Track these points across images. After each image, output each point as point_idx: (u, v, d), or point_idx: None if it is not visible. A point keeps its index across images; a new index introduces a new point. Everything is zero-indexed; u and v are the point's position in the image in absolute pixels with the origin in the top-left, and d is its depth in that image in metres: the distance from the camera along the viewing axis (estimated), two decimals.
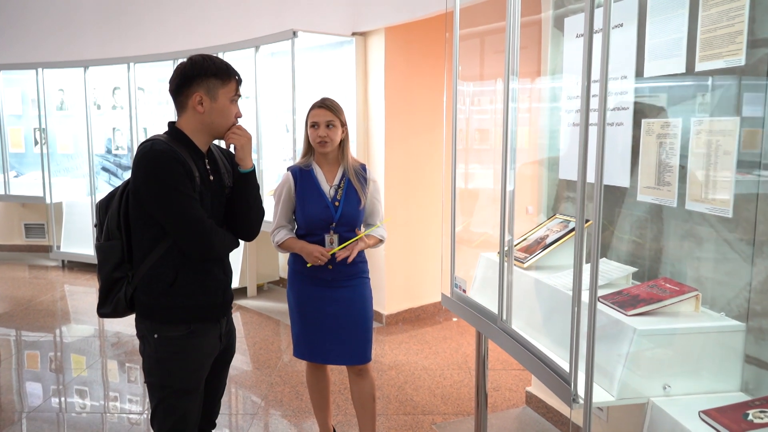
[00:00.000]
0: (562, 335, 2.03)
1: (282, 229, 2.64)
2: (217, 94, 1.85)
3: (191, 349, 1.91)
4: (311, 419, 3.23)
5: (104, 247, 1.92)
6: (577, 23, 2.56)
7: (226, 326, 2.06)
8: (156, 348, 1.89)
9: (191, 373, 1.93)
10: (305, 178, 2.59)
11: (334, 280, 2.59)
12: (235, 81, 1.89)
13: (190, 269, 1.89)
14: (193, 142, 1.88)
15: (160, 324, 1.88)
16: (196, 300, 1.90)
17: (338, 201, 2.56)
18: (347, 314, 2.60)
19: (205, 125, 1.88)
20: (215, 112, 1.86)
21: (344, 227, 2.57)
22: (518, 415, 3.26)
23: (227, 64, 1.89)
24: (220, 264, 1.98)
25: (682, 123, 1.97)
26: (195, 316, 1.91)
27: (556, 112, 2.76)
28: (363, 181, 2.62)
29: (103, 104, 6.63)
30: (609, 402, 1.72)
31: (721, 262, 1.86)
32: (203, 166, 1.90)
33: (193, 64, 1.85)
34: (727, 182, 1.78)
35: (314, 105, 2.59)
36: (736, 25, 1.73)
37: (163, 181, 1.78)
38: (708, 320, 1.81)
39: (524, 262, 2.44)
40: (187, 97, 1.85)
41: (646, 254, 2.19)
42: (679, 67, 1.97)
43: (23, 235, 7.46)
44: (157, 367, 1.90)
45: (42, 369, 3.99)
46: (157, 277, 1.87)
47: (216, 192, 1.93)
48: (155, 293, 1.87)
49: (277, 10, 5.25)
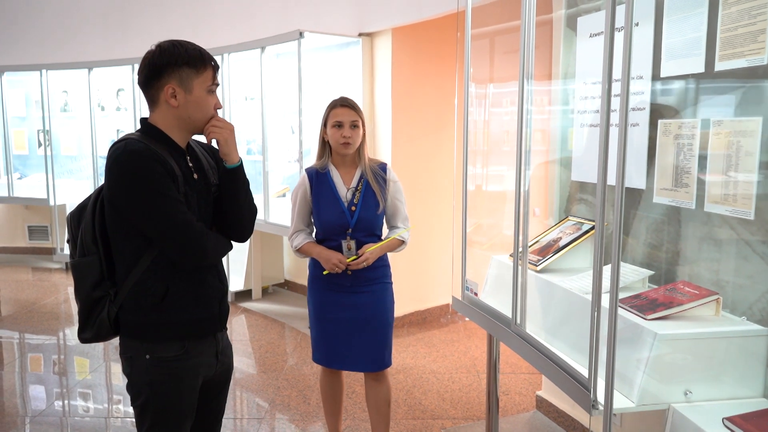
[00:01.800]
0: (578, 340, 2.00)
1: (300, 233, 2.56)
2: (192, 84, 1.65)
3: (187, 369, 1.73)
4: (318, 423, 3.19)
5: (80, 264, 1.71)
6: (591, 23, 2.53)
7: (222, 342, 1.86)
8: (148, 369, 1.69)
9: (187, 396, 1.75)
10: (321, 181, 2.50)
11: (353, 285, 2.52)
12: (212, 68, 1.68)
13: (181, 280, 1.70)
14: (170, 139, 1.69)
15: (151, 343, 1.69)
16: (191, 313, 1.72)
17: (355, 205, 2.47)
18: (365, 320, 2.53)
19: (181, 120, 1.68)
20: (191, 105, 1.66)
21: (362, 232, 2.48)
22: (529, 419, 3.22)
23: (201, 49, 1.68)
24: (214, 271, 1.80)
25: (701, 123, 1.93)
26: (190, 332, 1.72)
27: (568, 113, 2.73)
28: (382, 182, 2.52)
29: (107, 106, 6.61)
30: (629, 408, 1.68)
31: (742, 265, 1.82)
32: (185, 164, 1.71)
33: (162, 52, 1.63)
34: (748, 184, 1.75)
35: (335, 104, 2.49)
36: (759, 24, 1.70)
37: (143, 184, 1.58)
38: (729, 324, 1.77)
39: (537, 264, 2.41)
40: (159, 90, 1.65)
41: (663, 257, 2.16)
42: (698, 67, 1.94)
43: (27, 238, 7.43)
44: (149, 390, 1.70)
45: (45, 372, 3.96)
46: (144, 292, 1.67)
47: (202, 191, 1.74)
48: (144, 310, 1.68)
49: (282, 11, 5.22)
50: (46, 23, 6.94)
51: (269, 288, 5.75)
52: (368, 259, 2.45)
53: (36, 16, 6.97)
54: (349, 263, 2.44)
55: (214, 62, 1.70)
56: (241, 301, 5.41)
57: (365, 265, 2.45)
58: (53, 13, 6.91)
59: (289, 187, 5.25)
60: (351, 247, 2.47)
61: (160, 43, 1.66)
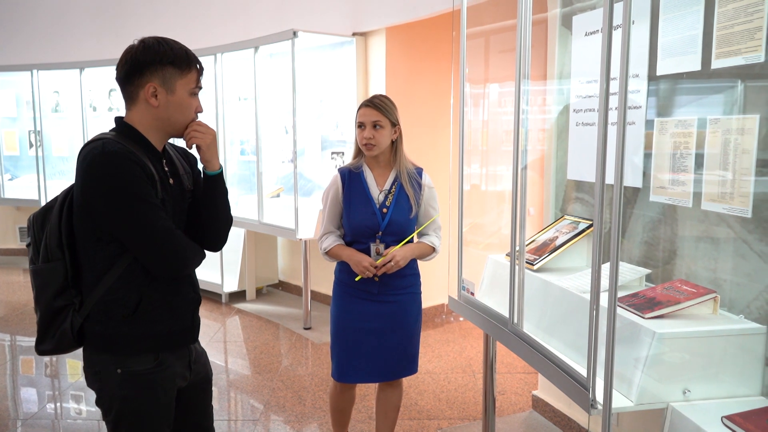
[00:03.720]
0: (575, 339, 1.99)
1: (330, 235, 2.46)
2: (175, 85, 1.57)
3: (162, 381, 1.64)
4: (314, 424, 3.17)
5: (42, 270, 1.59)
6: (586, 21, 2.52)
7: (195, 352, 1.78)
8: (120, 384, 1.59)
9: (163, 409, 1.66)
10: (354, 181, 2.41)
11: (380, 293, 2.41)
12: (196, 70, 1.62)
13: (156, 290, 1.61)
14: (147, 140, 1.60)
15: (123, 356, 1.59)
16: (165, 325, 1.63)
17: (386, 208, 2.37)
18: (389, 331, 2.43)
19: (161, 121, 1.60)
20: (172, 106, 1.58)
21: (392, 236, 2.38)
22: (525, 419, 3.22)
23: (187, 50, 1.62)
24: (188, 280, 1.71)
25: (698, 121, 1.93)
26: (164, 345, 1.63)
27: (564, 111, 2.72)
28: (417, 186, 2.43)
29: (99, 106, 6.56)
30: (628, 408, 1.68)
31: (740, 264, 1.82)
32: (161, 168, 1.62)
33: (147, 49, 1.55)
34: (746, 181, 1.74)
35: (362, 103, 2.40)
36: (755, 21, 1.70)
37: (123, 189, 1.48)
38: (727, 323, 1.77)
39: (534, 264, 2.40)
40: (139, 88, 1.56)
41: (660, 256, 2.16)
42: (695, 65, 1.93)
43: (18, 239, 7.37)
44: (122, 405, 1.60)
45: (37, 375, 3.92)
46: (115, 302, 1.57)
47: (177, 198, 1.66)
48: (114, 321, 1.57)
49: (276, 10, 5.20)
50: (37, 23, 6.88)
51: (263, 289, 5.73)
52: (397, 260, 2.32)
53: (27, 15, 6.91)
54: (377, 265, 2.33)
55: (200, 65, 1.64)
56: (235, 301, 5.37)
57: (395, 267, 2.33)
58: (44, 13, 6.85)
59: (283, 187, 5.23)
60: (380, 251, 2.37)
61: (144, 39, 1.58)
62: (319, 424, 3.17)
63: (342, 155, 4.70)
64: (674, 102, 2.08)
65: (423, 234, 2.49)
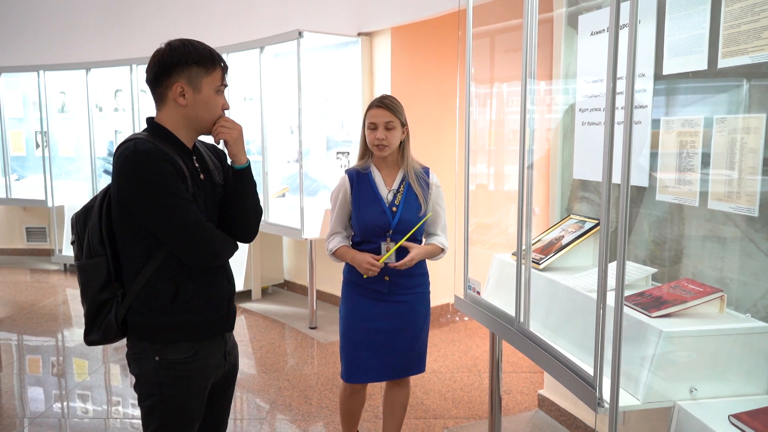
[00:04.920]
0: (581, 338, 1.99)
1: (336, 236, 2.46)
2: (201, 84, 1.64)
3: (196, 372, 1.72)
4: (321, 423, 3.18)
5: (87, 265, 1.69)
6: (592, 21, 2.52)
7: (230, 341, 1.87)
8: (157, 371, 1.68)
9: (195, 399, 1.74)
10: (362, 182, 2.42)
11: (390, 293, 2.42)
12: (221, 68, 1.69)
13: (191, 281, 1.69)
14: (177, 138, 1.68)
15: (161, 345, 1.68)
16: (201, 314, 1.71)
17: (396, 206, 2.38)
18: (399, 329, 2.44)
19: (189, 119, 1.67)
20: (199, 104, 1.66)
21: (402, 235, 2.37)
22: (531, 418, 3.22)
23: (211, 49, 1.69)
24: (222, 271, 1.79)
25: (704, 120, 1.93)
26: (200, 334, 1.72)
27: (570, 111, 2.73)
28: (425, 185, 2.44)
29: (105, 106, 6.59)
30: (635, 406, 1.68)
31: (747, 263, 1.82)
32: (192, 164, 1.70)
33: (173, 51, 1.63)
34: (752, 180, 1.75)
35: (372, 104, 2.39)
36: (762, 20, 1.70)
37: (155, 185, 1.57)
38: (734, 322, 1.77)
39: (540, 263, 2.41)
40: (167, 88, 1.64)
41: (666, 255, 2.16)
42: (701, 64, 1.94)
43: (24, 239, 7.41)
44: (158, 392, 1.69)
45: (44, 374, 3.95)
46: (154, 293, 1.66)
47: (208, 192, 1.74)
48: (154, 312, 1.67)
49: (281, 11, 5.21)
50: (43, 24, 6.92)
51: (269, 288, 5.74)
52: (412, 257, 2.33)
53: (34, 17, 6.95)
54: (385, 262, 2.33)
55: (224, 63, 1.70)
56: (240, 301, 5.39)
57: (408, 265, 2.34)
58: (51, 14, 6.88)
59: (289, 187, 5.24)
60: (390, 249, 2.37)
61: (170, 42, 1.66)
62: (325, 423, 3.19)
63: (347, 155, 4.71)
64: (681, 101, 2.08)
65: (431, 234, 2.49)
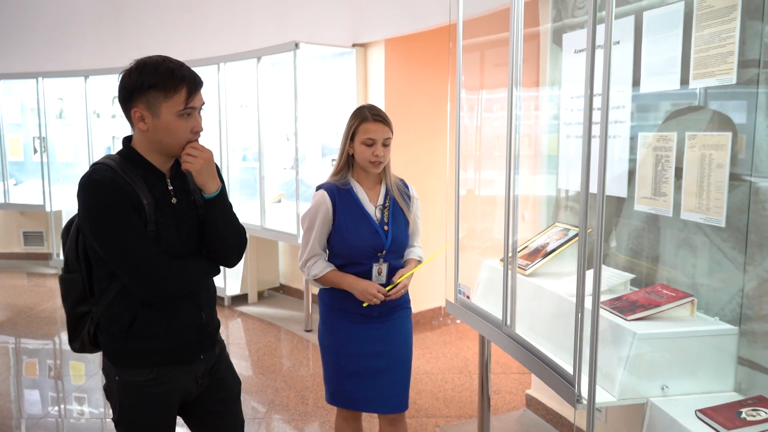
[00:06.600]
0: (564, 339, 2.12)
1: (318, 259, 2.25)
2: (159, 109, 1.56)
3: (159, 396, 1.69)
4: (317, 422, 3.30)
5: (64, 279, 1.72)
6: (576, 39, 2.66)
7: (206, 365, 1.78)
8: (119, 390, 1.69)
9: (160, 422, 1.72)
10: (345, 199, 2.22)
11: (380, 315, 2.27)
12: (185, 90, 1.57)
13: (150, 309, 1.65)
14: (147, 162, 1.64)
15: (121, 367, 1.68)
16: (161, 341, 1.67)
17: (387, 224, 2.23)
18: (390, 352, 2.30)
19: (154, 144, 1.62)
20: (159, 129, 1.58)
21: (394, 254, 2.25)
22: (519, 417, 3.35)
23: (175, 69, 1.56)
24: (191, 299, 1.72)
25: (677, 136, 2.07)
26: (160, 360, 1.68)
27: (555, 124, 2.86)
28: (407, 198, 2.33)
29: (102, 113, 6.69)
30: (610, 402, 1.82)
31: (715, 269, 1.96)
32: (163, 188, 1.65)
33: (130, 75, 1.56)
34: (720, 193, 1.88)
35: (365, 116, 2.19)
36: (728, 46, 1.84)
37: (102, 217, 1.55)
38: (703, 324, 1.91)
39: (526, 269, 2.54)
40: (129, 113, 1.59)
41: (644, 261, 2.29)
42: (674, 84, 2.08)
43: (22, 243, 7.48)
44: (120, 411, 1.70)
45: (41, 377, 4.01)
46: (113, 318, 1.65)
47: (183, 215, 1.68)
48: (113, 335, 1.66)
49: (278, 21, 5.33)
50: (42, 32, 7.00)
51: (265, 292, 5.85)
52: (406, 285, 2.25)
53: (33, 25, 7.03)
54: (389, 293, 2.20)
55: (191, 83, 1.59)
56: (237, 305, 5.50)
57: (403, 292, 2.25)
58: (50, 23, 6.97)
59: (284, 193, 5.36)
60: (382, 271, 2.22)
61: (134, 62, 1.59)
62: (321, 423, 3.30)
63: None
64: (656, 118, 2.22)
65: (410, 246, 2.38)
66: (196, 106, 1.62)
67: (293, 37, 4.72)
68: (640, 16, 2.23)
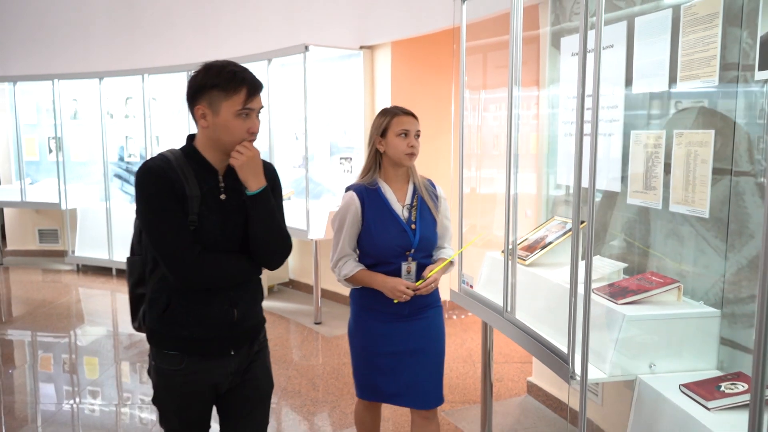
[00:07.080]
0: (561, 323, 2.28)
1: (348, 260, 2.27)
2: (220, 107, 1.65)
3: (188, 383, 1.76)
4: (329, 408, 3.46)
5: (128, 261, 1.86)
6: (573, 43, 2.82)
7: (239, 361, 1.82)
8: (155, 375, 1.81)
9: (181, 412, 1.81)
10: (373, 199, 2.25)
11: (410, 314, 2.28)
12: (245, 92, 1.66)
13: (183, 297, 1.72)
14: (202, 157, 1.73)
15: (156, 350, 1.79)
16: (190, 332, 1.74)
17: (414, 223, 2.26)
18: (423, 349, 2.30)
19: (212, 141, 1.71)
20: (218, 127, 1.67)
21: (422, 253, 2.27)
22: (520, 402, 3.51)
23: (237, 72, 1.67)
24: (224, 295, 1.75)
25: (666, 134, 2.22)
26: (189, 350, 1.75)
27: (554, 123, 3.02)
28: (434, 198, 2.35)
29: (116, 113, 6.87)
30: (602, 379, 1.97)
31: (700, 257, 2.11)
32: (214, 183, 1.73)
33: (196, 75, 1.69)
34: (704, 186, 2.04)
35: (396, 111, 2.27)
36: (711, 51, 1.99)
37: (146, 201, 1.66)
38: (688, 308, 2.06)
39: (526, 259, 2.69)
40: (193, 110, 1.70)
41: (635, 251, 2.45)
42: (663, 85, 2.23)
43: (37, 240, 7.67)
44: (156, 395, 1.83)
45: (57, 371, 4.10)
46: (153, 301, 1.76)
47: (230, 212, 1.74)
48: (153, 318, 1.77)
49: (288, 24, 5.50)
50: (57, 35, 7.20)
51: (274, 287, 6.02)
52: (436, 280, 2.24)
53: (48, 28, 7.23)
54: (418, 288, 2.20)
55: (251, 86, 1.68)
56: None
57: (433, 288, 2.25)
58: (65, 26, 7.17)
59: (294, 190, 5.52)
60: (411, 269, 2.24)
61: (203, 64, 1.71)
62: (331, 408, 3.47)
63: (350, 160, 5.00)
64: (647, 117, 2.37)
65: (440, 247, 2.39)
66: (254, 108, 1.70)
67: (302, 39, 4.88)
68: (632, 21, 2.38)
